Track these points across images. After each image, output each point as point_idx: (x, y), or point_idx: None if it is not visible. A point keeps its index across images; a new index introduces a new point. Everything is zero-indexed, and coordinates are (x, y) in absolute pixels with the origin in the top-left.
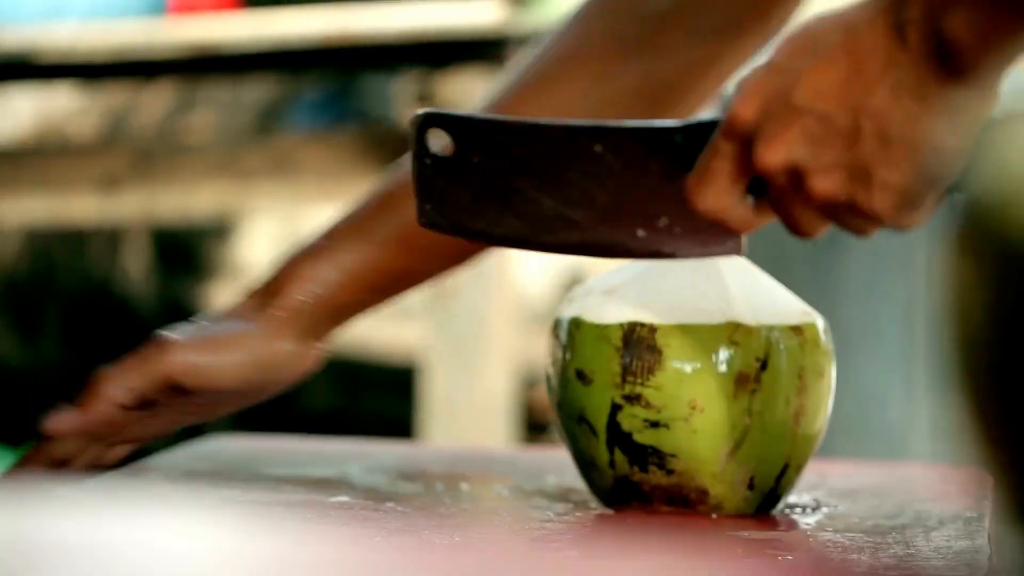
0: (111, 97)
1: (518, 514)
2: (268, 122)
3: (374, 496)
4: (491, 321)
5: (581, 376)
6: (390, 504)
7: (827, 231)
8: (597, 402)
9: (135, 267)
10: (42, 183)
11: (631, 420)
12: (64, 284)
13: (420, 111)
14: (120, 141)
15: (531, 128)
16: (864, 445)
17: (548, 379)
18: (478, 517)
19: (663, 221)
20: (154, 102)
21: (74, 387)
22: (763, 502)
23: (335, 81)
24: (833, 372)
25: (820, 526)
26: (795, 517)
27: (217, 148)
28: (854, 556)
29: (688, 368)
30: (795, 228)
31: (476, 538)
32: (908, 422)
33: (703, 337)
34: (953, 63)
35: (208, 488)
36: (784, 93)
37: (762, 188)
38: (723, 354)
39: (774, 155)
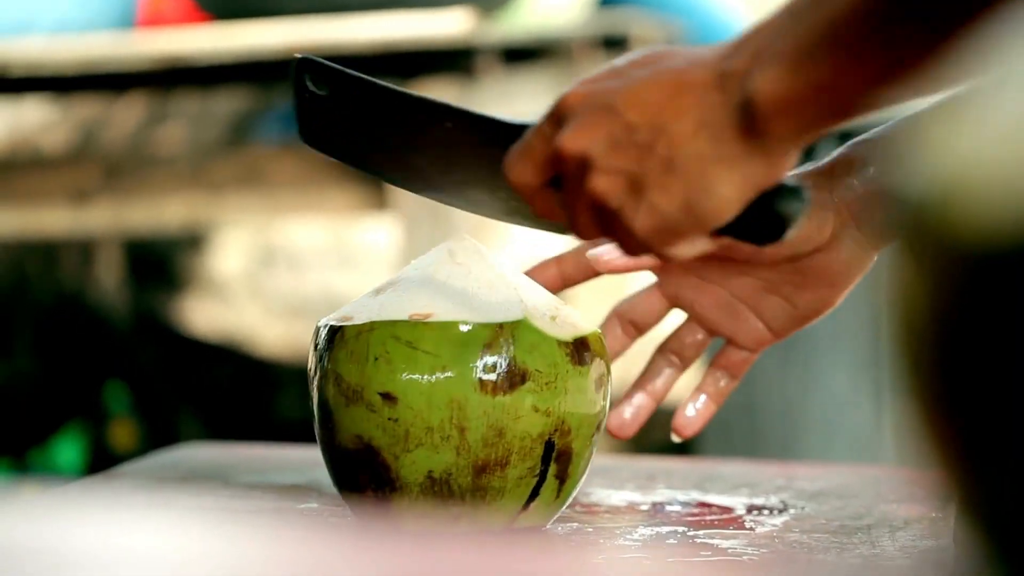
0: (81, 110)
1: (485, 519)
2: (239, 134)
3: (342, 503)
4: None
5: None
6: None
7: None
8: None
9: (107, 279)
10: (13, 196)
11: None
12: (37, 297)
13: (299, 55)
14: (91, 154)
15: (393, 93)
16: (832, 449)
17: None
18: (445, 522)
19: (501, 194)
20: (125, 115)
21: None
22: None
23: None
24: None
25: (787, 527)
26: (762, 518)
27: (188, 160)
28: (820, 556)
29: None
30: (573, 223)
31: (442, 542)
32: (876, 426)
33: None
34: (752, 122)
35: (177, 495)
36: (609, 93)
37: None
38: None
39: (572, 142)
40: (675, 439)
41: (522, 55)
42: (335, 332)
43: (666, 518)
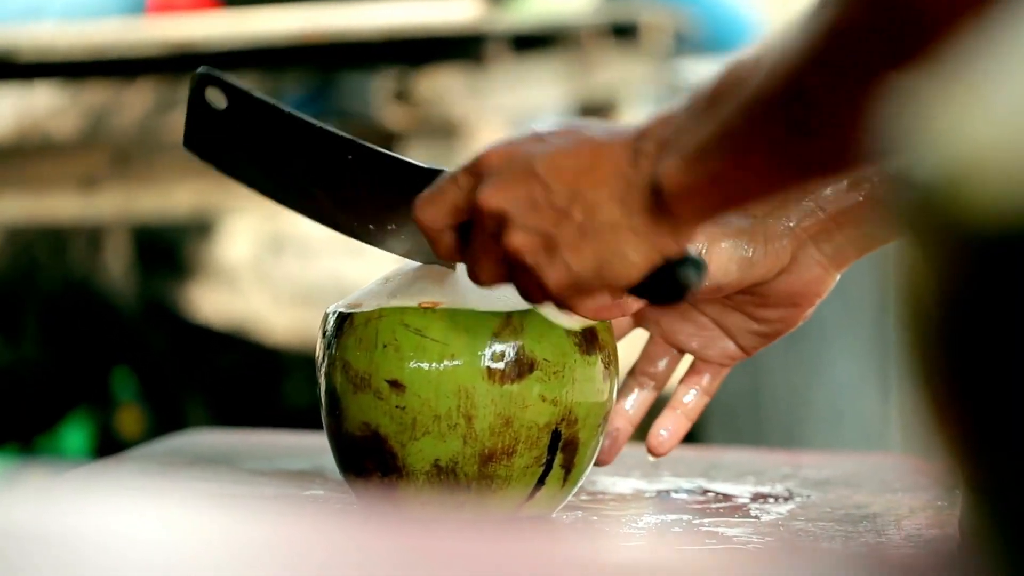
0: (91, 96)
1: (491, 507)
2: None
3: (348, 489)
4: None
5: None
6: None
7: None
8: None
9: (116, 266)
10: (22, 182)
11: None
12: (45, 283)
13: (202, 69)
14: (100, 140)
15: (296, 120)
16: (838, 437)
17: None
18: (451, 510)
19: (391, 226)
20: (134, 101)
21: (54, 386)
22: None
23: (314, 79)
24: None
25: (792, 515)
26: (767, 506)
27: None
28: (826, 545)
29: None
30: (476, 268)
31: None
32: (882, 414)
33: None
34: (660, 201)
35: (183, 480)
36: (530, 156)
37: (468, 229)
38: None
39: (492, 198)
40: (650, 459)
41: (531, 43)
42: (344, 319)
43: (672, 506)
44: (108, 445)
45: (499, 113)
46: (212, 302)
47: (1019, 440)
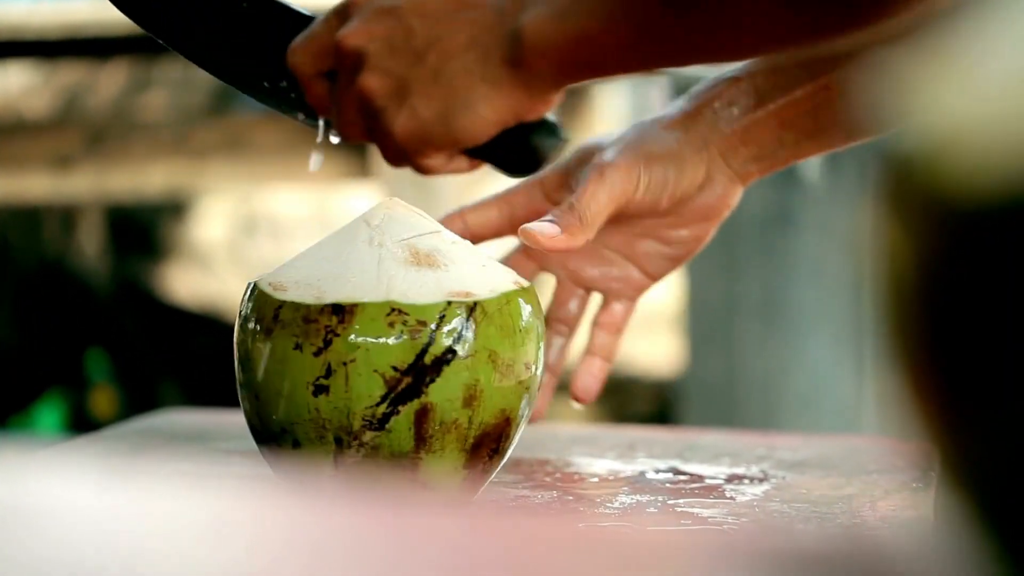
0: (65, 76)
1: (462, 483)
2: (222, 101)
3: (325, 468)
4: None
5: None
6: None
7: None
8: None
9: (89, 246)
10: None
11: None
12: (18, 263)
13: None
14: (74, 120)
15: None
16: (813, 420)
17: None
18: (425, 486)
19: (283, 83)
20: (108, 81)
21: (28, 367)
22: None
23: None
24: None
25: (767, 496)
26: (742, 487)
27: (170, 127)
28: (800, 526)
29: None
30: (340, 119)
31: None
32: (857, 397)
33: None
34: (519, 54)
35: (155, 460)
36: None
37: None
38: None
39: (352, 38)
40: (576, 407)
41: None
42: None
43: (646, 487)
44: (82, 426)
45: None
46: (186, 283)
47: (999, 417)
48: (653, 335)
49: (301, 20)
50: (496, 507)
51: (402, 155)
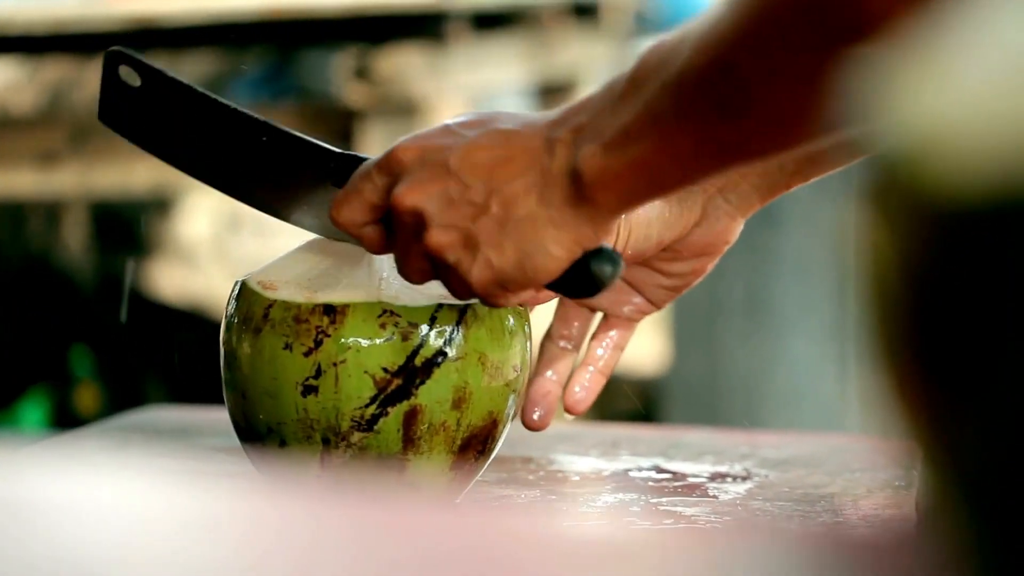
0: (50, 72)
1: (448, 484)
2: None
3: (308, 465)
4: None
5: None
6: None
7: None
8: None
9: (74, 243)
10: None
11: None
12: (2, 260)
13: (113, 48)
14: (59, 116)
15: (208, 100)
16: (796, 418)
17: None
18: (412, 486)
19: (306, 207)
20: (93, 77)
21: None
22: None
23: (274, 57)
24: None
25: (750, 495)
26: (726, 486)
27: None
28: (783, 524)
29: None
30: (403, 266)
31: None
32: (840, 395)
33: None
34: (579, 190)
35: (140, 456)
36: (444, 152)
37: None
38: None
39: (407, 198)
40: (568, 418)
41: (492, 21)
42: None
43: (630, 485)
44: (66, 422)
45: (459, 92)
46: (170, 280)
47: (983, 413)
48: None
49: (322, 155)
50: (480, 506)
51: (478, 296)
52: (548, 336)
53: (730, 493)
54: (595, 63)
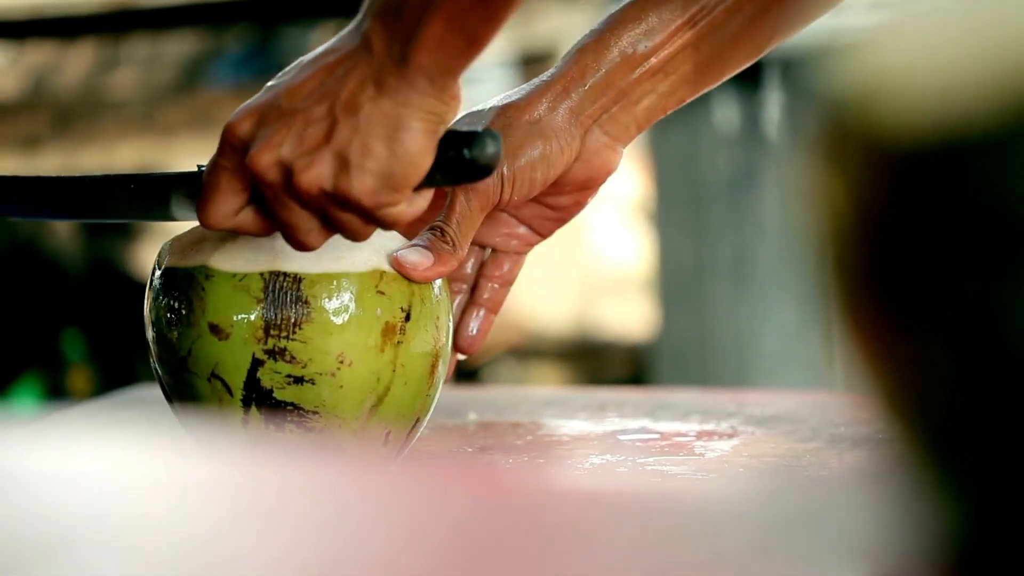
0: (32, 56)
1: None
2: (190, 78)
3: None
4: None
5: (215, 330)
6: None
7: (358, 230)
8: (234, 358)
9: (61, 227)
10: None
11: (272, 376)
12: None
13: None
14: (42, 100)
15: (62, 181)
16: (783, 377)
17: (161, 332)
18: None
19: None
20: (76, 61)
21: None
22: (395, 458)
23: (256, 35)
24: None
25: (736, 451)
26: (712, 443)
27: (138, 105)
28: (769, 480)
29: (338, 320)
30: (292, 232)
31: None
32: (825, 355)
33: (351, 287)
34: (405, 60)
35: (134, 431)
36: (273, 104)
37: (262, 197)
38: (372, 304)
39: (262, 156)
40: (460, 357)
41: None
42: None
43: (617, 447)
44: (59, 406)
45: None
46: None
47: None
48: (625, 299)
49: (187, 178)
50: (465, 466)
51: (368, 222)
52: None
53: (716, 451)
54: (574, 32)
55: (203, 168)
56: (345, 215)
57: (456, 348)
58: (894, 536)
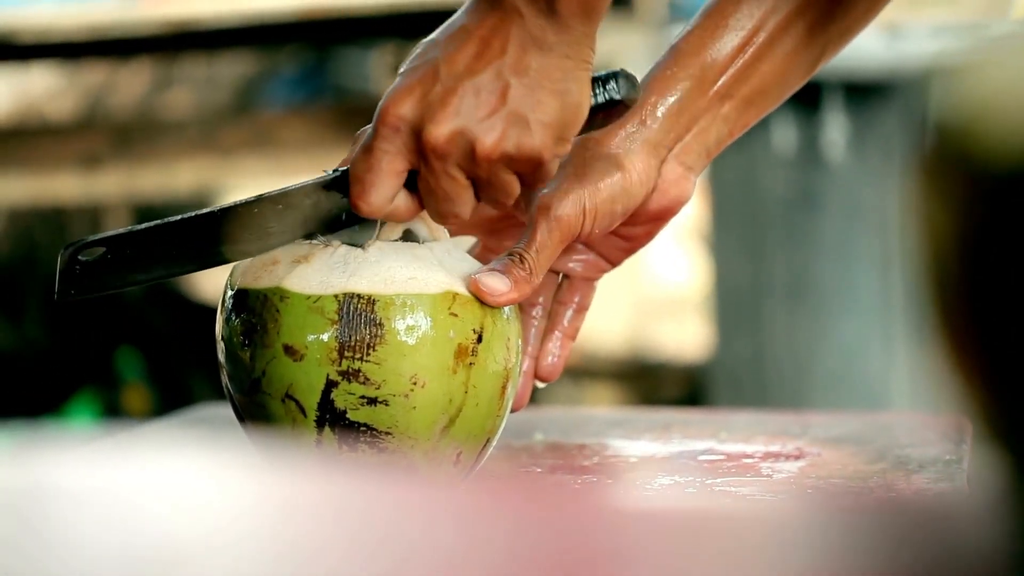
0: (89, 77)
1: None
2: (246, 98)
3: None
4: None
5: (290, 351)
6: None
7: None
8: (308, 379)
9: None
10: (23, 164)
11: (346, 397)
12: (46, 264)
13: (69, 247)
14: (99, 120)
15: (178, 222)
16: (845, 398)
17: (233, 353)
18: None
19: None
20: (132, 80)
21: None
22: (464, 478)
23: (311, 56)
24: (520, 345)
25: (803, 473)
26: (779, 465)
27: (196, 125)
28: (838, 501)
29: (411, 341)
30: (448, 205)
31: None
32: (887, 374)
33: (424, 308)
34: (554, 15)
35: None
36: (431, 81)
37: (412, 181)
38: (445, 326)
39: (441, 127)
40: (539, 385)
41: None
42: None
43: (684, 468)
44: (116, 424)
45: None
46: (214, 279)
47: None
48: (680, 320)
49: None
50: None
51: (526, 182)
52: (519, 308)
53: (784, 472)
54: (631, 52)
55: (336, 172)
56: (509, 177)
57: (537, 375)
58: (970, 560)
